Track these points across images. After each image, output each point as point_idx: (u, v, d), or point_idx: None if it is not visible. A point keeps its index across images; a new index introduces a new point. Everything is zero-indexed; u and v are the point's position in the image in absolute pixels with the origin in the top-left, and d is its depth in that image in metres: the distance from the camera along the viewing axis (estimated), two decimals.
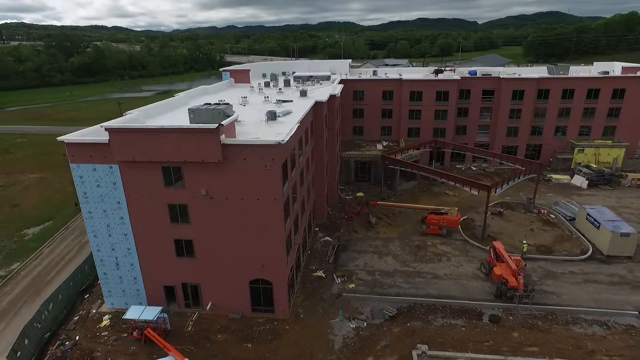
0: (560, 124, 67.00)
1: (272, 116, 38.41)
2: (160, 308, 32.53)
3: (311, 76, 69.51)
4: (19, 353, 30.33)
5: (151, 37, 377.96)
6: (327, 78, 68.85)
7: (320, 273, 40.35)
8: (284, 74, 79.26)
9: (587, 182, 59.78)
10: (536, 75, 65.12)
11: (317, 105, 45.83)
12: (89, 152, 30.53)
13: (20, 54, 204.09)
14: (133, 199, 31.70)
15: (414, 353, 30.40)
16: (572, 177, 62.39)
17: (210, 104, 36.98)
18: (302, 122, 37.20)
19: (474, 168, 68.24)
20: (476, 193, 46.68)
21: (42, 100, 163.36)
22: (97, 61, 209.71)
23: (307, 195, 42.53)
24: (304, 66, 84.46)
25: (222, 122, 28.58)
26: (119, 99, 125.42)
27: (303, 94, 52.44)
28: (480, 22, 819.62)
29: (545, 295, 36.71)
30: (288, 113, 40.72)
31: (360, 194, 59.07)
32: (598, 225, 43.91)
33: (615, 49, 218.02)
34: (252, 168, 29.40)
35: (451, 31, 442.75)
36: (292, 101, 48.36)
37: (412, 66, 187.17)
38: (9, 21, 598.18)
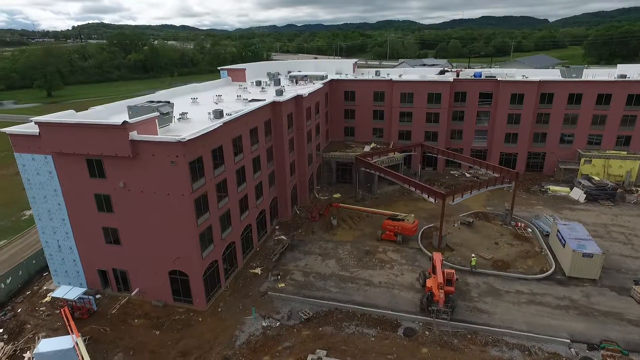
0: (566, 131, 61.64)
1: (218, 115, 39.63)
2: (84, 290, 35.15)
3: (305, 76, 69.92)
4: None
5: (212, 36, 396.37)
6: (322, 78, 68.78)
7: (257, 270, 41.02)
8: (289, 72, 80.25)
9: (585, 195, 54.58)
10: (537, 78, 60.38)
11: (276, 105, 46.37)
12: (27, 142, 33.66)
13: (86, 51, 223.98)
14: (66, 187, 34.47)
15: (310, 357, 30.17)
16: (571, 190, 57.29)
17: (153, 101, 38.96)
18: (239, 120, 38.14)
19: (468, 175, 64.88)
20: (432, 201, 44.60)
21: (100, 94, 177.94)
22: (152, 58, 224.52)
23: (254, 194, 43.23)
24: (311, 65, 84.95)
25: (129, 120, 30.21)
26: None
27: (279, 93, 53.10)
28: (551, 19, 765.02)
29: (476, 313, 34.54)
30: (239, 112, 41.63)
31: (336, 195, 58.69)
32: (564, 243, 40.29)
33: None
34: (160, 164, 30.80)
35: (517, 30, 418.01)
36: (264, 100, 49.22)
37: (452, 66, 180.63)
38: (90, 22, 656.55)
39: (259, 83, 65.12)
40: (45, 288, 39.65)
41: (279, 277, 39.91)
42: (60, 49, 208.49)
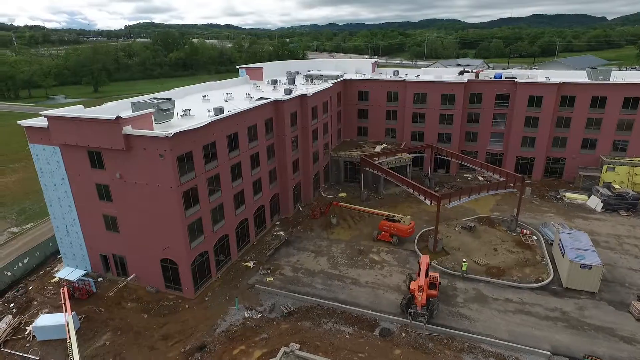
0: (589, 136, 58.48)
1: (218, 112, 41.23)
2: (84, 272, 37.82)
3: (321, 75, 70.60)
4: None
5: (252, 34, 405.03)
6: (337, 77, 69.15)
7: (249, 263, 42.31)
8: (308, 71, 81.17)
9: (602, 204, 51.69)
10: (557, 80, 57.69)
11: (277, 104, 47.42)
12: (39, 134, 36.67)
13: (132, 50, 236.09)
14: (72, 176, 37.24)
15: (282, 350, 30.96)
16: (589, 198, 54.40)
17: (156, 98, 41.07)
18: (234, 117, 39.56)
19: (481, 178, 63.06)
20: (428, 203, 43.98)
21: (141, 90, 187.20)
22: (191, 56, 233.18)
23: (251, 189, 44.51)
24: (331, 65, 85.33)
25: (122, 115, 32.22)
26: None
27: (287, 92, 54.19)
28: (610, 17, 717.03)
29: (457, 318, 33.98)
30: (235, 110, 43.01)
31: (342, 194, 59.03)
32: (564, 252, 38.62)
33: None
34: (150, 157, 32.68)
35: (568, 29, 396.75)
36: (268, 98, 50.51)
37: (488, 67, 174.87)
38: (141, 21, 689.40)
39: (274, 82, 66.47)
40: (56, 269, 42.91)
41: (269, 271, 40.98)
42: (108, 47, 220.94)
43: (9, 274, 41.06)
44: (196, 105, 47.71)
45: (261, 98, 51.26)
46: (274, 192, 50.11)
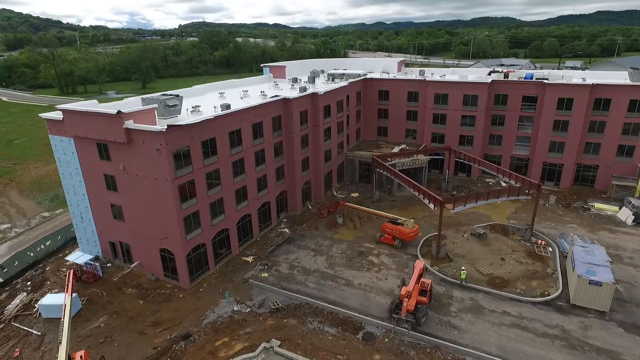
0: (626, 142, 53.93)
1: (225, 109, 42.29)
2: (91, 257, 40.18)
3: (343, 74, 70.17)
4: (5, 269, 41.42)
5: (297, 33, 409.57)
6: (359, 76, 68.46)
7: (248, 258, 43.00)
8: (335, 70, 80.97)
9: (634, 217, 47.53)
10: (591, 82, 53.62)
11: (286, 102, 47.73)
12: (57, 126, 39.32)
13: (179, 48, 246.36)
14: (84, 167, 39.64)
15: (262, 345, 31.33)
16: (620, 209, 50.22)
17: (166, 94, 42.71)
18: (237, 114, 40.37)
19: (504, 184, 59.96)
20: (432, 207, 42.45)
21: (185, 86, 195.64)
22: (235, 55, 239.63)
23: (255, 186, 45.16)
24: (358, 64, 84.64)
25: (123, 110, 33.80)
26: None
27: (302, 90, 54.52)
28: None
29: (446, 328, 32.69)
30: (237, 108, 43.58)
31: (355, 194, 58.44)
32: (574, 266, 36.00)
33: None
34: (149, 151, 34.08)
35: (638, 26, 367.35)
36: (280, 96, 50.96)
37: (535, 67, 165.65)
38: (194, 21, 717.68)
39: (294, 80, 66.91)
40: (68, 252, 45.86)
41: (266, 267, 41.45)
42: (157, 46, 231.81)
43: (32, 254, 44.43)
44: (212, 102, 48.97)
45: (275, 96, 51.84)
46: (282, 189, 50.53)
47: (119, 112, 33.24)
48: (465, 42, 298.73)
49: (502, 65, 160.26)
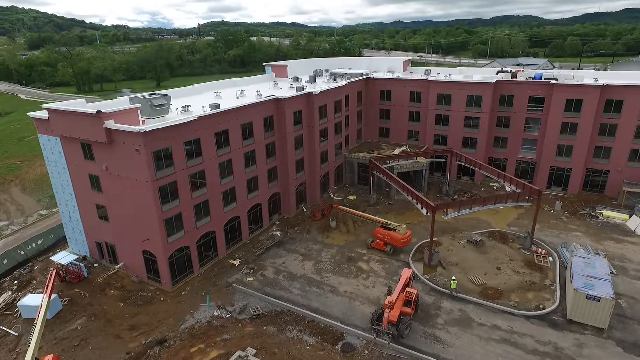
0: (639, 146, 50.92)
1: (214, 107, 41.51)
2: (76, 257, 39.92)
3: (345, 73, 68.64)
4: None
5: (313, 32, 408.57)
6: (361, 75, 66.88)
7: (235, 261, 42.13)
8: (339, 69, 79.56)
9: None
10: (601, 82, 50.80)
11: (279, 102, 46.66)
12: (44, 125, 39.20)
13: (195, 47, 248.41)
14: (70, 166, 39.42)
15: (237, 353, 30.35)
16: (630, 217, 47.43)
17: (154, 94, 42.11)
18: (223, 115, 39.50)
19: (508, 188, 57.49)
20: (424, 213, 40.70)
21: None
22: (249, 54, 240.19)
23: (245, 187, 44.24)
24: (363, 63, 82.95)
25: (104, 110, 33.28)
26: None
27: (299, 89, 53.35)
28: None
29: (431, 341, 31.09)
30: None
31: (352, 197, 57.02)
32: (572, 279, 33.86)
33: None
34: (129, 151, 33.49)
35: None
36: (272, 96, 49.81)
37: (552, 66, 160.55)
38: (213, 20, 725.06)
39: (295, 79, 65.80)
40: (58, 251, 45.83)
41: (252, 271, 40.49)
42: (172, 45, 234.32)
43: (22, 252, 44.63)
44: (207, 101, 48.17)
45: (270, 96, 50.82)
46: (274, 191, 49.51)
47: (99, 111, 32.73)
48: (483, 41, 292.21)
49: (518, 64, 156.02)
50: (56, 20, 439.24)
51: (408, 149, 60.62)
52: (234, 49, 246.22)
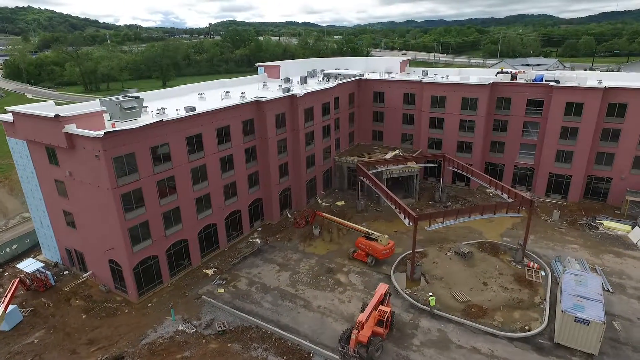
0: None
1: (189, 111, 39.77)
2: (41, 265, 38.54)
3: (339, 74, 66.52)
4: None
5: (323, 32, 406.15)
6: (354, 76, 64.67)
7: (209, 271, 40.35)
8: (335, 69, 77.40)
9: None
10: (604, 85, 47.71)
11: (259, 104, 44.75)
12: (12, 128, 37.90)
13: (203, 46, 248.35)
14: (38, 170, 38.07)
15: None
16: (632, 229, 44.35)
17: (127, 96, 40.57)
18: (196, 118, 37.72)
19: (505, 196, 54.66)
20: (406, 223, 38.33)
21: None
22: (256, 53, 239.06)
23: (222, 193, 42.44)
24: (360, 63, 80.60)
25: (63, 113, 31.75)
26: None
27: (286, 90, 51.37)
28: None
29: None
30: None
31: (340, 202, 54.84)
32: (561, 298, 31.24)
33: None
34: (90, 157, 31.90)
35: None
36: (253, 98, 47.77)
37: (563, 66, 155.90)
38: (224, 19, 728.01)
39: (287, 80, 63.86)
40: (40, 257, 44.62)
41: (225, 281, 38.67)
42: (179, 44, 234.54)
43: None
44: (189, 103, 46.45)
45: (254, 98, 48.93)
46: (256, 196, 47.63)
47: (57, 115, 31.23)
48: (494, 40, 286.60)
49: (527, 64, 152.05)
50: (71, 20, 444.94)
51: (400, 153, 58.21)
52: (240, 48, 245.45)
